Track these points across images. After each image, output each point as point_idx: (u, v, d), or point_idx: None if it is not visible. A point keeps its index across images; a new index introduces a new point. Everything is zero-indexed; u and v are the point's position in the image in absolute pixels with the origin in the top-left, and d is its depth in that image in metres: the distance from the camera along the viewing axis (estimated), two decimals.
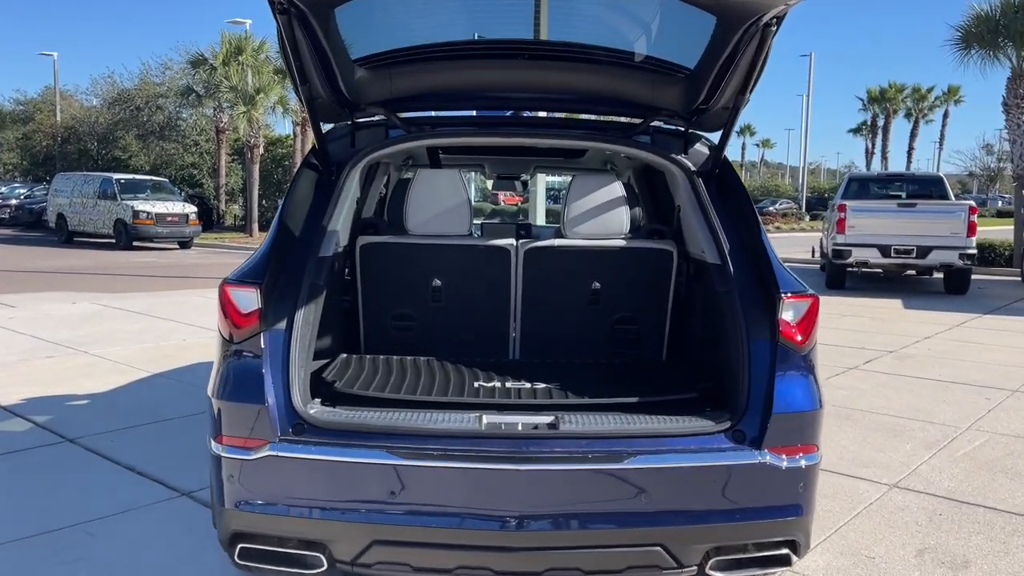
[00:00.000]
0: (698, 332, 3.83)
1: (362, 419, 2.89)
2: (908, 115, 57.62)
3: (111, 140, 36.97)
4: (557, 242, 3.95)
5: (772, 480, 2.83)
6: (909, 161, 56.99)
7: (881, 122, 57.79)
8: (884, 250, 14.48)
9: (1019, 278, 17.90)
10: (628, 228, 3.93)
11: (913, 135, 56.93)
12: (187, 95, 31.84)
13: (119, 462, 5.08)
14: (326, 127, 3.67)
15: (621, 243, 3.93)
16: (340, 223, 3.50)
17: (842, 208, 14.72)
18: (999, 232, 24.16)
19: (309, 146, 3.81)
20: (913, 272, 15.97)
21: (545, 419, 2.94)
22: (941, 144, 64.98)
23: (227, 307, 2.98)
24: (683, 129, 3.67)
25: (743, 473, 2.82)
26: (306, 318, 3.09)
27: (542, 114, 4.13)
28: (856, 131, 62.36)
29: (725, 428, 2.88)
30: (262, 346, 2.95)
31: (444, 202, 3.90)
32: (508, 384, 3.32)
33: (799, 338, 2.99)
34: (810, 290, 3.07)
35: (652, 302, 4.02)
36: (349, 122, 3.69)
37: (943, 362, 8.75)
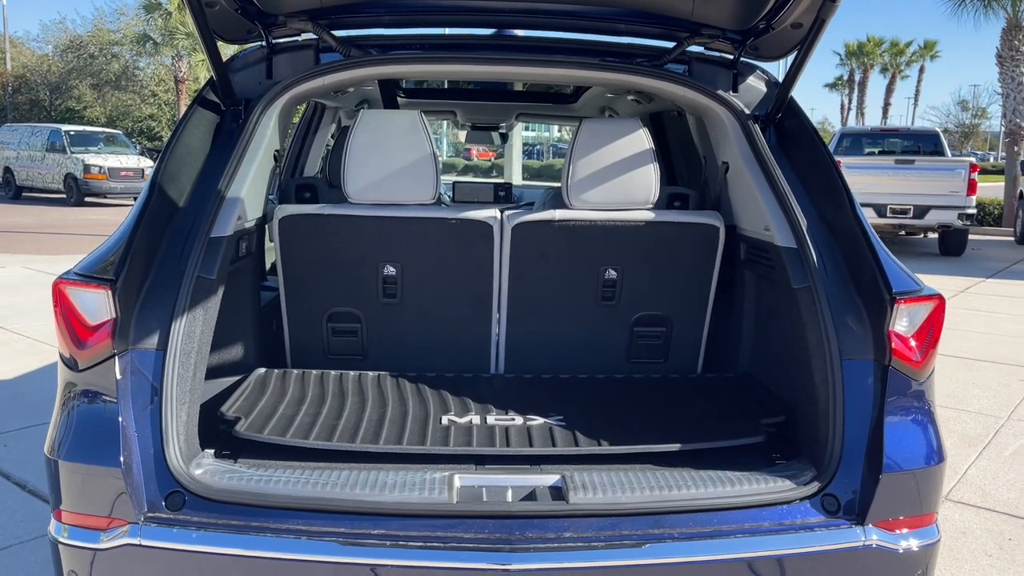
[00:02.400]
0: (752, 341, 2.93)
1: (273, 486, 1.96)
2: (884, 70, 56.73)
3: (64, 90, 35.27)
4: (559, 214, 2.89)
5: (882, 571, 1.96)
6: (885, 117, 56.37)
7: (858, 77, 56.94)
8: (880, 210, 13.65)
9: (1012, 238, 17.25)
10: (656, 195, 2.93)
11: (889, 90, 56.12)
12: (143, 43, 30.20)
13: (9, 475, 4.14)
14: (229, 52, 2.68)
15: (648, 216, 2.91)
16: (246, 187, 2.52)
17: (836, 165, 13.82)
18: (980, 189, 23.70)
19: None
20: (903, 232, 15.24)
21: (546, 479, 2.05)
22: (916, 100, 64.25)
23: (66, 316, 2.02)
24: (732, 56, 2.73)
25: (842, 563, 1.94)
26: (189, 330, 2.14)
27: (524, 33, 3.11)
28: (832, 86, 61.45)
29: (811, 493, 2.00)
30: (118, 375, 2.00)
31: (398, 156, 2.82)
32: (491, 418, 2.41)
33: (916, 358, 2.11)
34: (927, 288, 2.18)
35: (688, 297, 3.04)
36: (263, 43, 2.70)
37: (960, 335, 8.00)
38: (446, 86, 5.07)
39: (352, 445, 2.17)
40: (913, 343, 2.11)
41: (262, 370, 2.77)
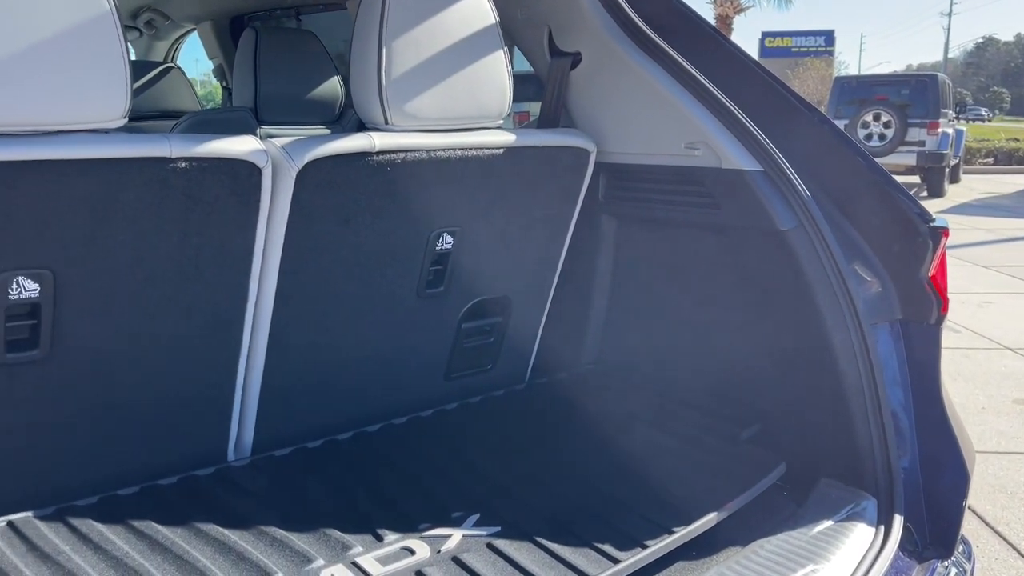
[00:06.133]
0: (605, 318, 2.21)
1: None
2: None
3: None
4: (380, 140, 1.67)
5: None
6: None
7: None
8: None
9: None
10: (510, 105, 1.91)
11: None
12: None
13: None
14: None
15: (503, 139, 1.86)
16: None
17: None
18: None
19: None
20: None
21: None
22: None
23: None
24: None
25: None
26: None
27: None
28: None
29: (900, 532, 1.50)
30: None
31: (39, 23, 1.31)
32: (427, 548, 1.40)
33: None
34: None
35: (536, 263, 2.13)
36: None
37: None
38: None
39: None
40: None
41: None
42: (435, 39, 1.74)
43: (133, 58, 4.59)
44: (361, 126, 1.76)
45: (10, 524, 1.44)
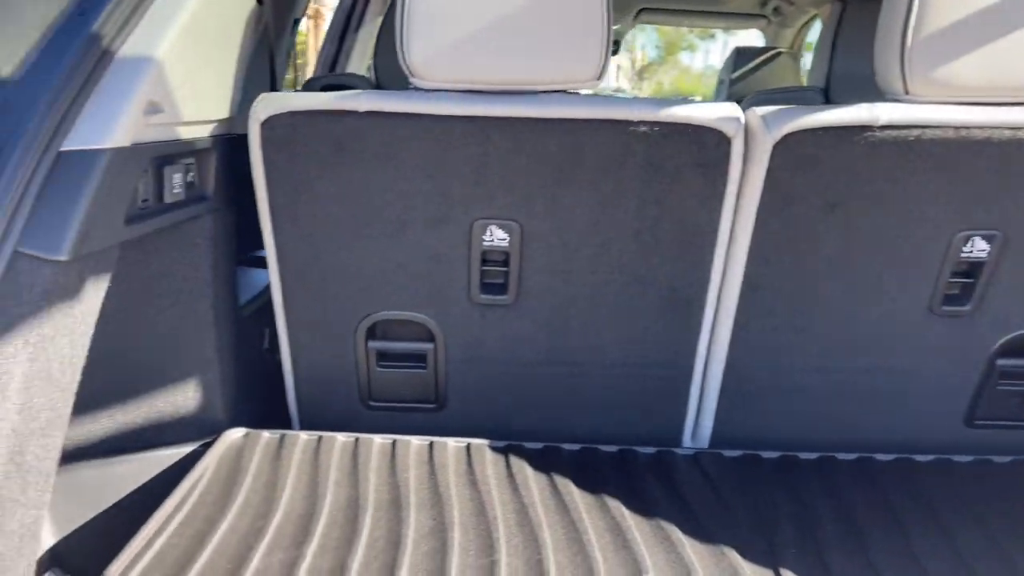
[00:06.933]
0: None
1: None
2: None
3: None
4: (886, 112, 1.39)
5: None
6: None
7: None
8: None
9: None
10: None
11: None
12: None
13: None
14: None
15: None
16: (185, 41, 1.30)
17: None
18: None
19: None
20: None
21: None
22: None
23: None
24: None
25: None
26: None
27: None
28: None
29: None
30: None
31: None
32: None
33: None
34: None
35: None
36: None
37: None
38: None
39: None
40: None
41: (237, 433, 1.58)
42: None
43: (760, 45, 4.64)
44: None
45: (468, 447, 1.58)
